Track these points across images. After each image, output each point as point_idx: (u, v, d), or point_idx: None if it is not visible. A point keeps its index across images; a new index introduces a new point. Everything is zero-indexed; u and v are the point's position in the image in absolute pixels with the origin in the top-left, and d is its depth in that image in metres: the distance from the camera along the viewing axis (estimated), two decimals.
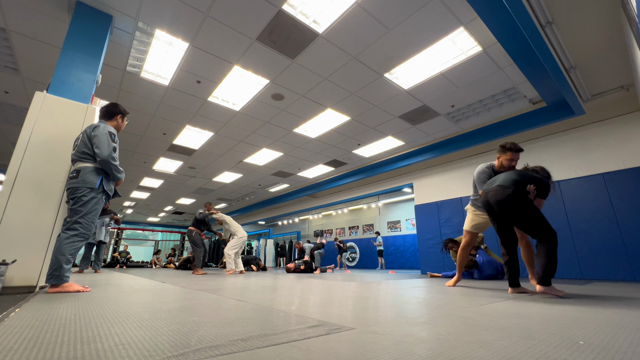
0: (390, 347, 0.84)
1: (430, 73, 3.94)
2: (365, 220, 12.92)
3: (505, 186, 2.26)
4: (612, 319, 1.27)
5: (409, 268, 10.55)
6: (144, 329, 1.03)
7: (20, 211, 2.06)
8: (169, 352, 0.77)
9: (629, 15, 2.39)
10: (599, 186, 4.62)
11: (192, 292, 2.31)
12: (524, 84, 4.10)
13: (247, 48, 3.50)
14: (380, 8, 2.96)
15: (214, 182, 9.25)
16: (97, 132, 2.19)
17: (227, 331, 1.00)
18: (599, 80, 3.99)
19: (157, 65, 3.82)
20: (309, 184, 9.48)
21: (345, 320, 1.24)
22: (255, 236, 17.98)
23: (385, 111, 4.94)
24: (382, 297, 2.15)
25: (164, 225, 18.38)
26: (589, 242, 4.56)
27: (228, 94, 4.48)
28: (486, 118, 5.11)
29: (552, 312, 1.45)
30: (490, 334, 1.00)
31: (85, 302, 1.62)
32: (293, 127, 5.56)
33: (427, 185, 7.13)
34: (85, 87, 2.63)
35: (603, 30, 3.16)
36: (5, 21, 3.12)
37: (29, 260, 2.03)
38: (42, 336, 0.90)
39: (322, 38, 3.34)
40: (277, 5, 2.93)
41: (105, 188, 2.22)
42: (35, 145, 2.22)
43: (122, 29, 3.21)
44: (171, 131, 5.72)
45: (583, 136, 4.97)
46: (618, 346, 0.87)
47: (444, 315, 1.37)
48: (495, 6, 2.50)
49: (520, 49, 3.01)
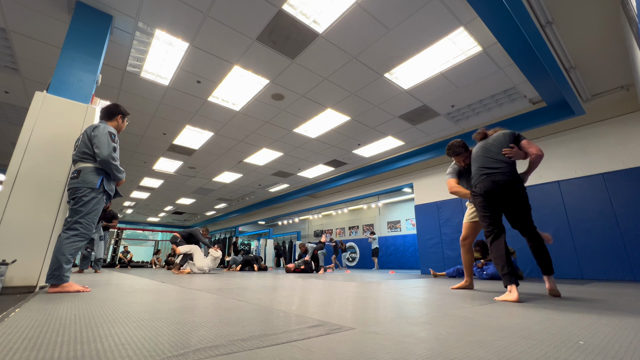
0: (390, 347, 0.84)
1: (430, 73, 3.94)
2: (365, 220, 12.92)
3: (508, 172, 2.20)
4: (612, 319, 1.27)
5: (409, 268, 10.55)
6: (144, 329, 1.03)
7: (20, 211, 2.06)
8: (169, 352, 0.77)
9: (629, 15, 2.39)
10: (599, 186, 4.62)
11: (192, 292, 2.31)
12: (524, 84, 4.10)
13: (247, 48, 3.50)
14: (380, 8, 2.95)
15: (214, 182, 9.24)
16: (97, 132, 2.19)
17: (227, 331, 1.00)
18: (599, 80, 3.99)
19: (157, 65, 3.82)
20: (309, 184, 9.48)
21: (345, 320, 1.24)
22: (255, 236, 17.98)
23: (385, 111, 4.94)
24: (382, 297, 2.15)
25: (164, 225, 18.38)
26: (589, 242, 4.56)
27: (228, 94, 4.48)
28: (486, 118, 5.11)
29: (552, 312, 1.45)
30: (490, 334, 1.00)
31: (85, 302, 1.62)
32: (293, 127, 5.56)
33: (427, 185, 7.13)
34: (85, 87, 2.63)
35: (603, 30, 3.16)
36: (5, 21, 3.12)
37: (29, 260, 2.03)
38: (42, 336, 0.90)
39: (322, 38, 3.34)
40: (277, 5, 2.93)
41: (105, 188, 2.22)
42: (35, 145, 2.22)
43: (122, 29, 3.21)
44: (171, 131, 5.72)
45: (583, 136, 4.97)
46: (618, 346, 0.87)
47: (444, 315, 1.37)
48: (495, 6, 2.50)
49: (520, 49, 3.01)
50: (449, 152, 2.75)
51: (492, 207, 2.20)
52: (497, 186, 2.16)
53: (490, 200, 2.20)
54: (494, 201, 2.19)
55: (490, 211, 2.19)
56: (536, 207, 5.13)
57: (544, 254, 2.13)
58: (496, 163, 2.23)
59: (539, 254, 2.14)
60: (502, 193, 2.16)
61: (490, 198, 2.19)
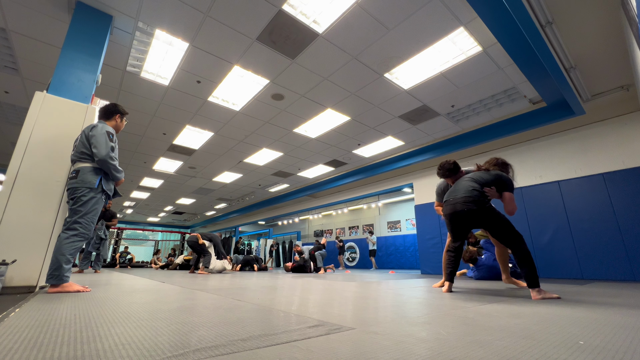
0: (390, 347, 0.84)
1: (430, 73, 3.94)
2: (365, 220, 12.91)
3: (469, 197, 2.30)
4: (612, 319, 1.27)
5: (409, 268, 10.55)
6: (143, 329, 1.03)
7: (20, 211, 2.06)
8: (169, 352, 0.77)
9: (629, 15, 2.39)
10: (599, 186, 4.62)
11: (192, 292, 2.31)
12: (524, 84, 4.10)
13: (247, 48, 3.50)
14: (380, 8, 2.95)
15: (214, 182, 9.25)
16: (94, 132, 2.19)
17: (227, 331, 1.00)
18: (599, 80, 3.98)
19: (157, 65, 3.82)
20: (309, 184, 9.48)
21: (345, 320, 1.24)
22: (255, 236, 17.98)
23: (385, 111, 4.94)
24: (382, 297, 2.15)
25: (164, 225, 18.39)
26: (589, 242, 4.56)
27: (228, 94, 4.47)
28: (486, 118, 5.11)
29: (552, 312, 1.45)
30: (490, 334, 1.00)
31: (85, 302, 1.62)
32: (293, 127, 5.56)
33: (427, 185, 7.13)
34: (85, 87, 2.63)
35: (603, 30, 3.16)
36: (5, 21, 3.12)
37: (29, 260, 2.03)
38: (42, 336, 0.90)
39: (322, 38, 3.34)
40: (277, 5, 2.93)
41: (104, 188, 2.22)
42: (35, 145, 2.22)
43: (122, 29, 3.21)
44: (171, 131, 5.72)
45: (583, 136, 4.97)
46: (618, 346, 0.87)
47: (444, 315, 1.37)
48: (495, 6, 2.50)
49: (520, 49, 3.01)
50: (438, 172, 2.81)
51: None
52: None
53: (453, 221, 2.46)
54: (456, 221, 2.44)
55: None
56: (536, 207, 5.17)
57: (526, 266, 2.08)
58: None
59: (521, 266, 2.10)
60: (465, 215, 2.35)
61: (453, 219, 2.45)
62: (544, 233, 5.00)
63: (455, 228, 2.45)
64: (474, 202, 2.26)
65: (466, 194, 2.33)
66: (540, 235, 5.05)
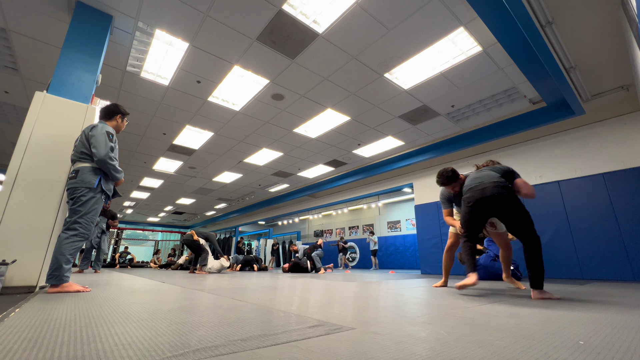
0: (390, 347, 0.84)
1: (430, 73, 3.94)
2: (365, 220, 12.92)
3: (499, 182, 2.26)
4: (612, 319, 1.27)
5: (409, 268, 10.55)
6: (143, 329, 1.03)
7: (20, 211, 2.06)
8: (169, 352, 0.77)
9: (629, 15, 2.39)
10: (599, 186, 4.62)
11: (192, 292, 2.31)
12: (524, 84, 4.10)
13: (247, 48, 3.50)
14: (380, 8, 2.95)
15: (214, 182, 9.24)
16: (94, 132, 2.19)
17: (227, 331, 1.00)
18: (599, 80, 3.98)
19: (157, 65, 3.82)
20: (309, 184, 9.48)
21: (345, 320, 1.24)
22: (255, 236, 17.98)
23: (385, 111, 4.93)
24: (382, 297, 2.15)
25: (164, 225, 18.38)
26: (589, 242, 4.56)
27: (228, 94, 4.47)
28: (486, 118, 5.11)
29: (552, 312, 1.45)
30: (490, 334, 1.00)
31: (85, 302, 1.62)
32: (293, 127, 5.56)
33: (427, 185, 7.12)
34: (85, 87, 2.63)
35: (603, 30, 3.16)
36: (5, 21, 3.12)
37: (29, 260, 2.03)
38: (42, 336, 0.90)
39: (322, 38, 3.34)
40: (277, 5, 2.93)
41: (104, 188, 2.22)
42: (35, 145, 2.22)
43: (122, 29, 3.21)
44: (171, 131, 5.72)
45: (583, 136, 4.97)
46: (618, 346, 0.87)
47: (444, 315, 1.37)
48: (495, 6, 2.50)
49: (520, 49, 3.01)
50: (437, 181, 2.80)
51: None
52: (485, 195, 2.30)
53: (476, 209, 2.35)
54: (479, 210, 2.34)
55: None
56: (536, 207, 5.17)
57: (536, 267, 2.09)
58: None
59: (531, 266, 2.10)
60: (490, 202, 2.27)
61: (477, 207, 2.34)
62: (544, 233, 5.00)
63: (477, 216, 2.32)
64: (505, 187, 2.23)
65: (495, 179, 2.29)
66: (540, 235, 5.01)
